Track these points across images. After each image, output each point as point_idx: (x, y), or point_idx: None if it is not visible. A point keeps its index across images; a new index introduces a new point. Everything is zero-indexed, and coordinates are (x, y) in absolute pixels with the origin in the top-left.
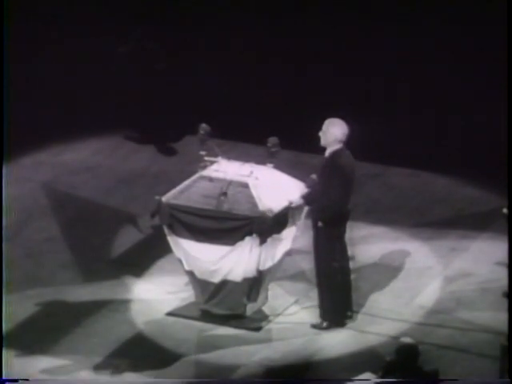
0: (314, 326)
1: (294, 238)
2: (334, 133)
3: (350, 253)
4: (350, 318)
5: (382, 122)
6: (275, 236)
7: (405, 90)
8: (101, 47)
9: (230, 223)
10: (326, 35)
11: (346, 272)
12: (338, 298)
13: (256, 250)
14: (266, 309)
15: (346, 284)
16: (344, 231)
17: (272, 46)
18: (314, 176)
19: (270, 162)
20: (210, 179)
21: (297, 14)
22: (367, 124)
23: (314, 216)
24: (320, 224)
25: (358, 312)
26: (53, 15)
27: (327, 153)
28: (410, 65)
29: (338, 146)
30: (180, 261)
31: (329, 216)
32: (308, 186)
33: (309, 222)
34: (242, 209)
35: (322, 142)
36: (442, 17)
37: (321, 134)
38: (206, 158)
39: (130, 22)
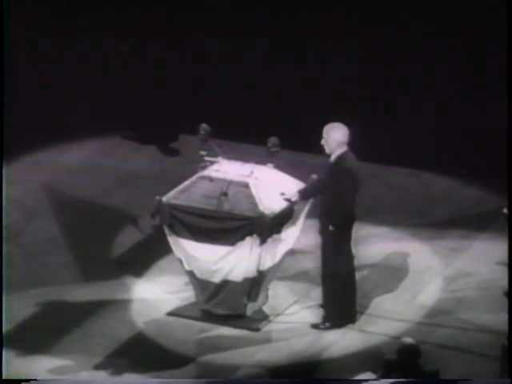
0: (315, 326)
1: (294, 238)
2: (335, 137)
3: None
4: (353, 322)
5: (382, 122)
6: (275, 236)
7: (405, 90)
8: (101, 47)
9: (230, 223)
10: (326, 35)
11: (351, 274)
12: (342, 300)
13: (256, 249)
14: (266, 309)
15: (351, 286)
16: (351, 233)
17: (272, 46)
18: (314, 176)
19: (270, 162)
20: (211, 179)
21: (297, 14)
22: (367, 124)
23: (324, 220)
24: (331, 228)
25: (358, 312)
26: (53, 15)
27: (333, 157)
28: (409, 65)
29: (342, 149)
30: (180, 261)
31: (341, 219)
32: None
33: (309, 222)
34: (243, 209)
35: (327, 150)
36: (442, 17)
37: (323, 142)
38: (207, 158)
39: (131, 22)
